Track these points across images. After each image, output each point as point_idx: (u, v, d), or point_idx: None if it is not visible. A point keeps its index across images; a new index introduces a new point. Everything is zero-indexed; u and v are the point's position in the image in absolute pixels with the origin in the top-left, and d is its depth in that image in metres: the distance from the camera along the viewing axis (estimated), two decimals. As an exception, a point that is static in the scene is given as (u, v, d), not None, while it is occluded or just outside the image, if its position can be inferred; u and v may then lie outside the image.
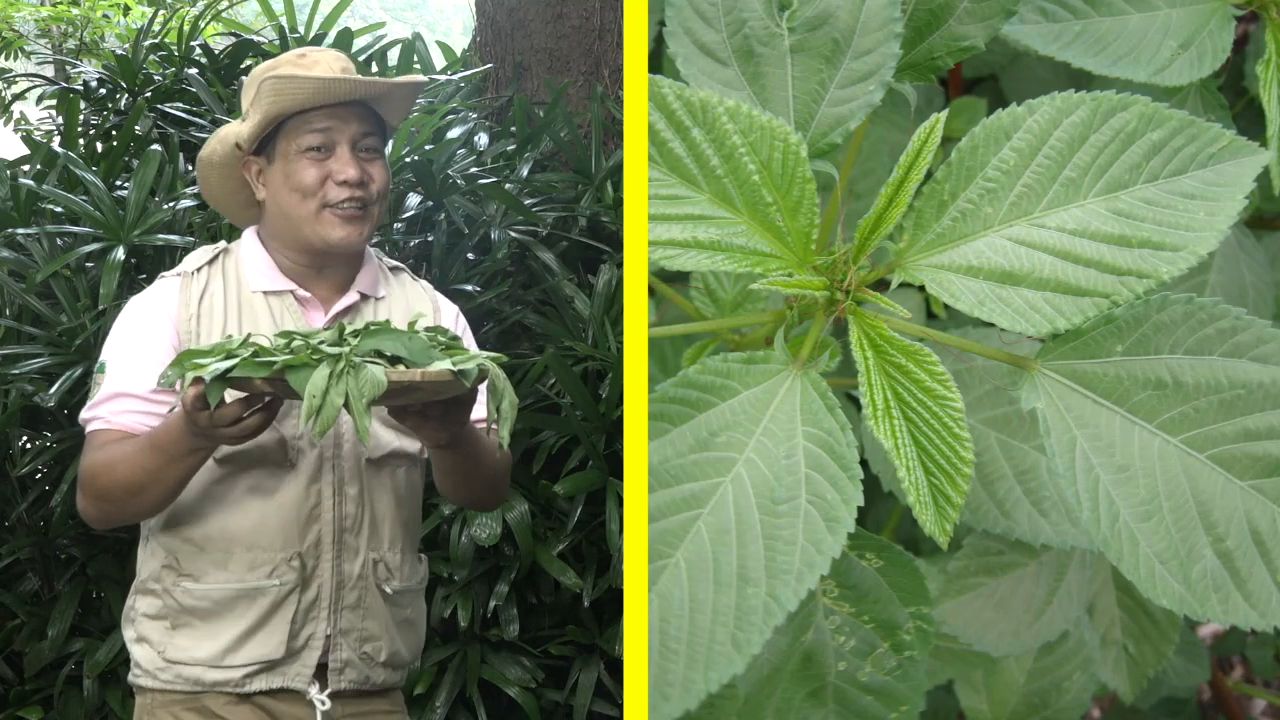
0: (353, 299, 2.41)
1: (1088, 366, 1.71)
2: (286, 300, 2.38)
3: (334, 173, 2.33)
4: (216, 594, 2.30)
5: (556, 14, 4.51)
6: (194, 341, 2.29)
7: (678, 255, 1.72)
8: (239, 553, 2.30)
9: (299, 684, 2.32)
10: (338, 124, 2.34)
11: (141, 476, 2.21)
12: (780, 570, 1.64)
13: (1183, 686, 2.75)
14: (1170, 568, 1.68)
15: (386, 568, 2.40)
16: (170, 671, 2.31)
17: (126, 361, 2.31)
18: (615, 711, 3.65)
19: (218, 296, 2.36)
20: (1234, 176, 1.72)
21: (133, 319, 2.36)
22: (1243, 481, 1.69)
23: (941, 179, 1.73)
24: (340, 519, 2.34)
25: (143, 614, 2.35)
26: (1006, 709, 2.43)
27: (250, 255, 2.41)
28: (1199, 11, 2.14)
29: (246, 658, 2.30)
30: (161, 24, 5.23)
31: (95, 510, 2.29)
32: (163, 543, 2.33)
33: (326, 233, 2.34)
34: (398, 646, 2.42)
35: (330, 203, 2.33)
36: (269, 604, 2.30)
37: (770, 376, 1.71)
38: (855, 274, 1.74)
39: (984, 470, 2.03)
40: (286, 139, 2.35)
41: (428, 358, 2.03)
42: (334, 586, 2.34)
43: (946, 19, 1.97)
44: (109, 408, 2.29)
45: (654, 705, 1.62)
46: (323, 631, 2.34)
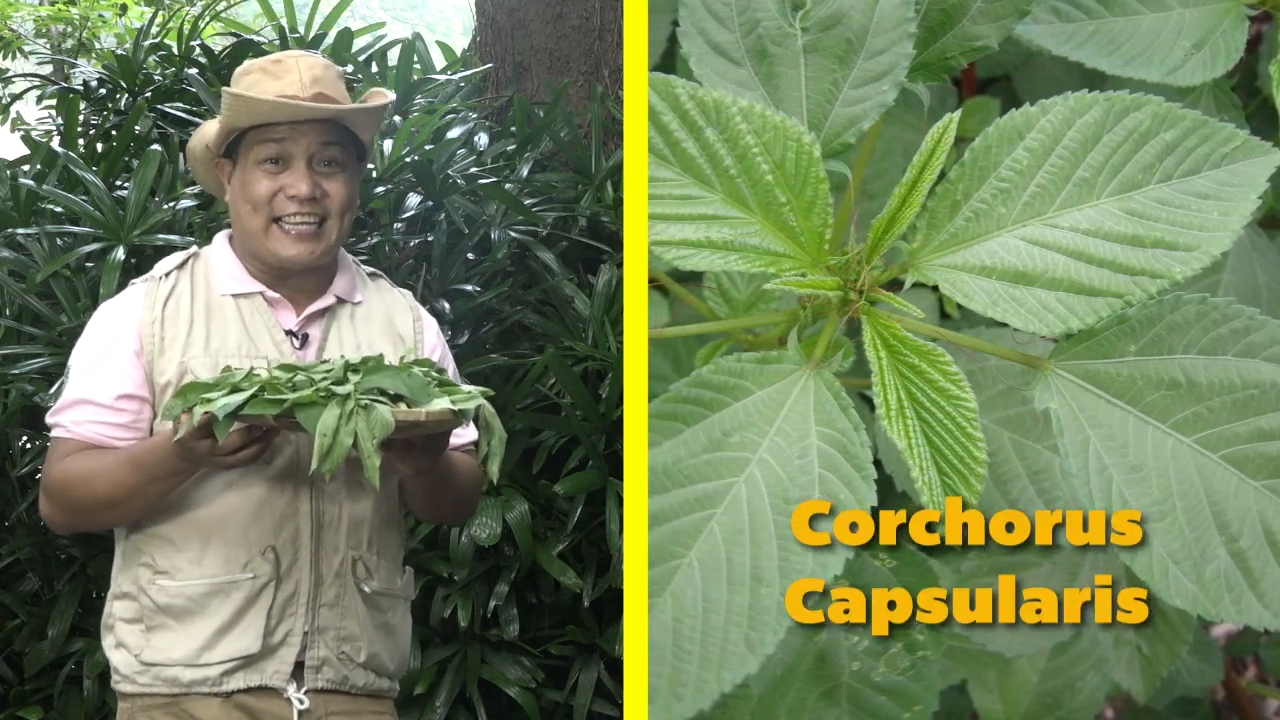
0: (328, 301, 2.40)
1: (1101, 366, 1.71)
2: (255, 301, 2.37)
3: (285, 187, 2.32)
4: (191, 590, 2.28)
5: (556, 14, 4.51)
6: (156, 345, 2.30)
7: (691, 255, 1.72)
8: (215, 548, 2.29)
9: (277, 681, 2.30)
10: (295, 136, 2.32)
11: (121, 493, 2.23)
12: (794, 570, 1.65)
13: (1196, 687, 2.76)
14: (1184, 568, 1.68)
15: (365, 567, 2.37)
16: (148, 674, 2.29)
17: (89, 367, 2.33)
18: (615, 711, 3.65)
19: (184, 299, 2.35)
20: (1247, 176, 1.72)
21: (98, 326, 2.37)
22: (1256, 481, 1.69)
23: (955, 179, 1.73)
24: (318, 514, 2.33)
25: (119, 619, 2.34)
26: (1020, 709, 2.43)
27: (219, 259, 2.40)
28: (1212, 11, 2.14)
29: (223, 654, 2.28)
30: (161, 24, 5.23)
31: (63, 519, 2.32)
32: (138, 543, 2.33)
33: (276, 248, 2.33)
34: (377, 649, 2.39)
35: (278, 216, 2.32)
36: (243, 598, 2.28)
37: (784, 376, 1.71)
38: (868, 274, 1.75)
39: (997, 470, 2.03)
40: (247, 147, 2.34)
41: (427, 395, 2.08)
42: (312, 583, 2.32)
43: (960, 19, 1.97)
44: (70, 415, 2.31)
45: (657, 705, 1.62)
46: (300, 628, 2.31)
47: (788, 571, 1.64)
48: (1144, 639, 2.44)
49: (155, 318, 2.32)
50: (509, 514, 3.59)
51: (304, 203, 2.31)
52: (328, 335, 2.39)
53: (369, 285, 2.50)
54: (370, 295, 2.48)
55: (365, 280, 2.50)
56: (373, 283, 2.51)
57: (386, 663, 2.42)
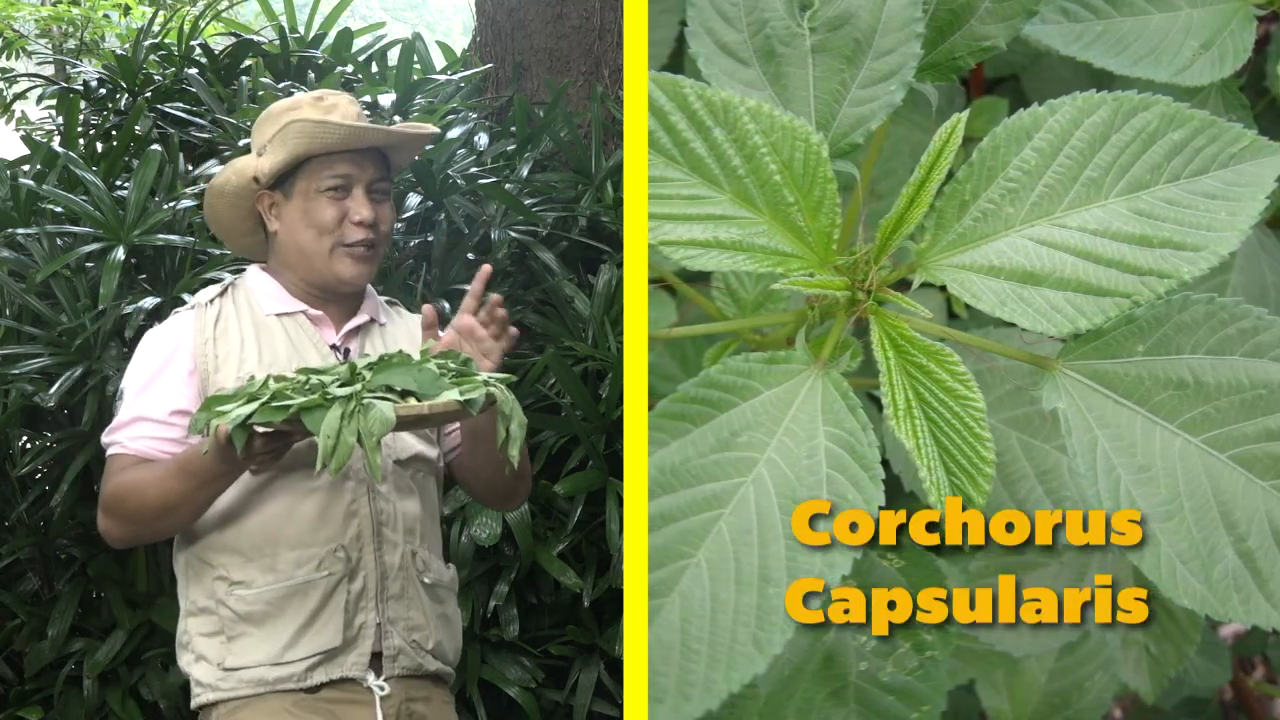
0: (363, 319, 2.54)
1: (1109, 366, 1.71)
2: (299, 320, 2.49)
3: (350, 212, 2.46)
4: (269, 595, 2.36)
5: (556, 14, 4.51)
6: (211, 363, 2.42)
7: (699, 255, 1.72)
8: (285, 553, 2.38)
9: (356, 672, 2.38)
10: (357, 169, 2.47)
11: (172, 499, 2.32)
12: (801, 570, 1.65)
13: (1204, 687, 2.75)
14: (1191, 568, 1.68)
15: (423, 560, 2.48)
16: (232, 679, 2.37)
17: (143, 386, 2.43)
18: (615, 711, 3.64)
19: (232, 320, 2.47)
20: (1255, 176, 1.72)
21: (149, 350, 2.47)
22: (1264, 481, 1.69)
23: (963, 179, 1.73)
24: (376, 513, 2.43)
25: (198, 634, 2.41)
26: (1028, 709, 2.43)
27: (260, 284, 2.52)
28: (1220, 11, 2.14)
29: (306, 650, 2.36)
30: (162, 24, 5.22)
31: (120, 531, 2.40)
32: (206, 557, 2.41)
33: (339, 270, 2.47)
34: (440, 638, 2.49)
35: (346, 241, 2.46)
36: (320, 596, 2.37)
37: (792, 376, 1.71)
38: (876, 274, 1.75)
39: (1005, 470, 2.03)
40: (307, 178, 2.47)
41: (437, 388, 2.15)
42: (379, 577, 2.41)
43: (968, 19, 1.98)
44: (127, 433, 2.40)
45: (665, 705, 1.62)
46: (373, 621, 2.41)
47: (795, 572, 1.65)
48: (1152, 639, 2.44)
49: (208, 338, 2.44)
50: (509, 514, 3.59)
51: (367, 229, 2.46)
52: (364, 350, 2.51)
53: (390, 311, 2.64)
54: (393, 318, 2.62)
55: (386, 308, 2.63)
56: (393, 309, 2.65)
57: (448, 651, 2.53)
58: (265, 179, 2.47)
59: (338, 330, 2.50)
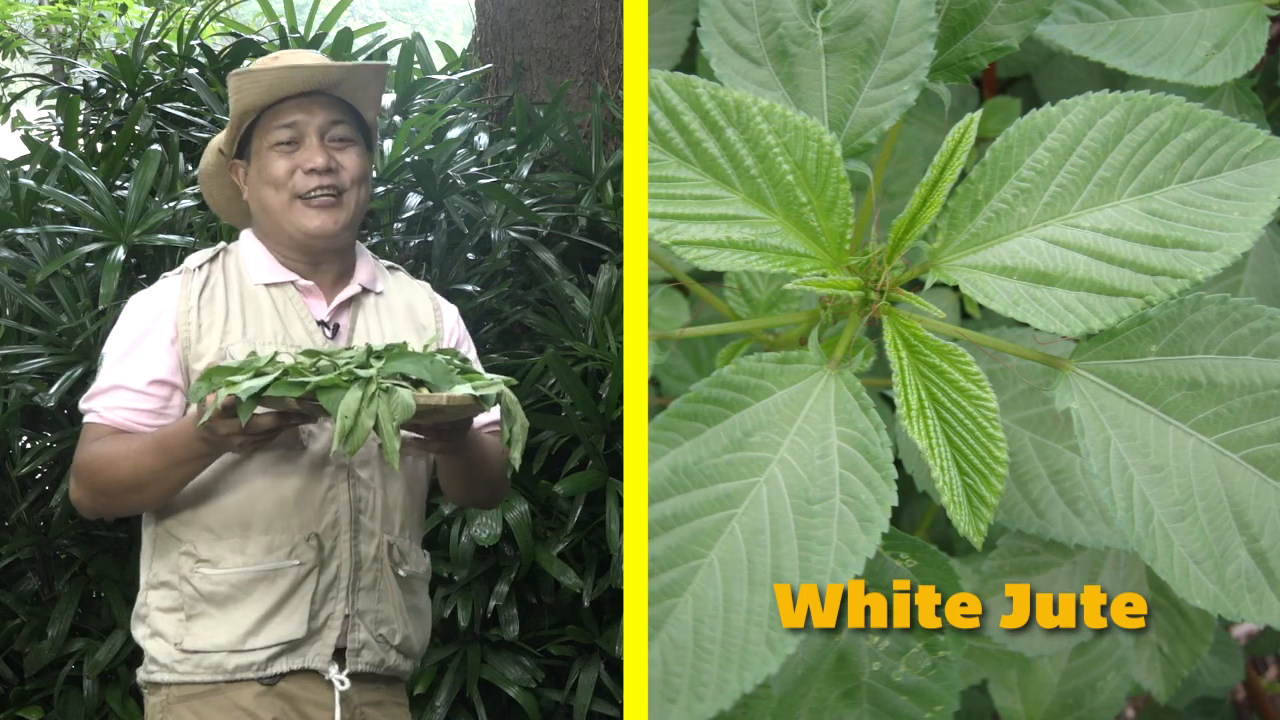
0: (355, 290, 2.46)
1: (1122, 366, 1.71)
2: (288, 290, 2.43)
3: (301, 163, 2.39)
4: (235, 578, 2.31)
5: (556, 14, 4.51)
6: (194, 331, 2.36)
7: (712, 255, 1.72)
8: (256, 536, 2.33)
9: (319, 664, 2.34)
10: (305, 116, 2.40)
11: (144, 475, 2.26)
12: (814, 570, 1.65)
13: (1217, 687, 2.75)
14: (1204, 568, 1.68)
15: (399, 551, 2.43)
16: (189, 662, 2.32)
17: (122, 355, 2.37)
18: (615, 711, 3.65)
19: (219, 289, 2.41)
20: (1268, 176, 1.72)
21: (131, 315, 2.41)
22: (1277, 481, 1.69)
23: (976, 179, 1.73)
24: (354, 500, 2.38)
25: (156, 608, 2.36)
26: (1041, 709, 2.43)
27: (250, 251, 2.46)
28: (1233, 11, 2.15)
29: (268, 639, 2.31)
30: (161, 24, 5.22)
31: (91, 501, 2.35)
32: (177, 532, 2.36)
33: (301, 222, 2.39)
34: (409, 632, 2.45)
35: (300, 193, 2.39)
36: (289, 585, 2.32)
37: (804, 376, 1.71)
38: (889, 274, 1.75)
39: (1018, 470, 2.03)
40: (259, 136, 2.41)
41: (448, 381, 2.11)
42: (352, 567, 2.37)
43: (981, 19, 1.98)
44: (104, 400, 2.35)
45: (678, 705, 1.62)
46: (341, 612, 2.36)
47: (808, 571, 1.64)
48: (1165, 639, 2.44)
49: (191, 306, 2.37)
50: (509, 514, 3.59)
51: (321, 175, 2.38)
52: (355, 325, 2.45)
53: (389, 277, 2.56)
54: (391, 287, 2.54)
55: (385, 273, 2.56)
56: (392, 275, 2.58)
57: (415, 645, 2.48)
58: (227, 147, 2.45)
59: (329, 302, 2.44)
